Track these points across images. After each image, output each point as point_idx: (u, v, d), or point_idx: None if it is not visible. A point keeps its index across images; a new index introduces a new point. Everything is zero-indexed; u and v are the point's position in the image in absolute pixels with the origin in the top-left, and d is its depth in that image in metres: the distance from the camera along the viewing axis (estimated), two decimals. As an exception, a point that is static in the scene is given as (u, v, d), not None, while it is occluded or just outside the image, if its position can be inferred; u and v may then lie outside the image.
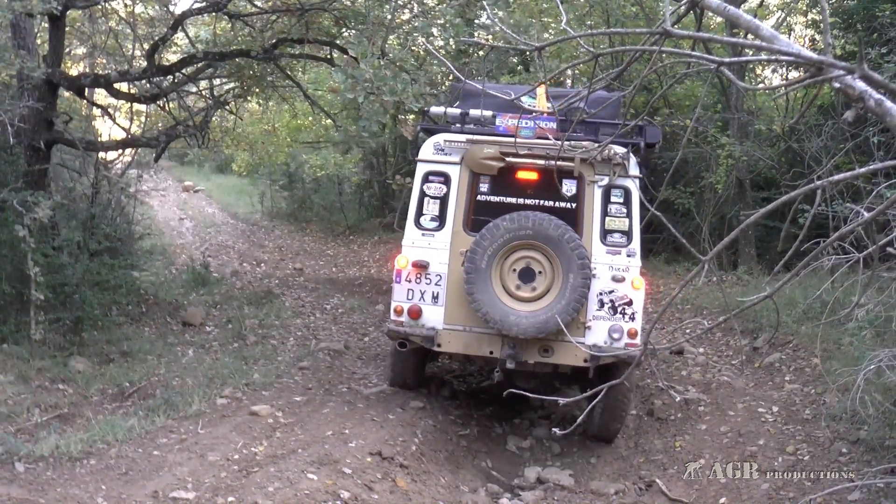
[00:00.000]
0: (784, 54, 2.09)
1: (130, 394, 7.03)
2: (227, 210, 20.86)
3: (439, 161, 6.35)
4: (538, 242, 5.96)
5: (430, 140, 6.45)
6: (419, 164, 6.44)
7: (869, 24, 9.80)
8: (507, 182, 6.30)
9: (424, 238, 6.31)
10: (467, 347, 6.23)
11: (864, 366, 5.25)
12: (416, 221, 6.36)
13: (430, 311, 6.21)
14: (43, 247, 7.82)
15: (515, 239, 5.98)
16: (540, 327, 5.88)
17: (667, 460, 6.23)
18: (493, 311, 5.92)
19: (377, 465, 5.46)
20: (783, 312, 8.35)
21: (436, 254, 6.26)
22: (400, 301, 6.25)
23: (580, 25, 13.67)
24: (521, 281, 6.05)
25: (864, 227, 3.08)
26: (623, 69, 2.77)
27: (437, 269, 6.23)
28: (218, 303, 10.68)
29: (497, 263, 6.02)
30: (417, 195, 6.38)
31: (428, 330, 6.19)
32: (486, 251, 5.97)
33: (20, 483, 4.95)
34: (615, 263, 6.07)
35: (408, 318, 6.22)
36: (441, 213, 6.32)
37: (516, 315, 5.93)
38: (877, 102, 2.05)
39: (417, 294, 6.22)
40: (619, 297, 6.05)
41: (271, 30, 9.62)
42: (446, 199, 6.33)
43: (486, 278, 5.97)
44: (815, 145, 9.87)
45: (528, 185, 6.30)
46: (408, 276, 6.24)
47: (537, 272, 6.04)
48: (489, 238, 5.97)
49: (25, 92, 8.68)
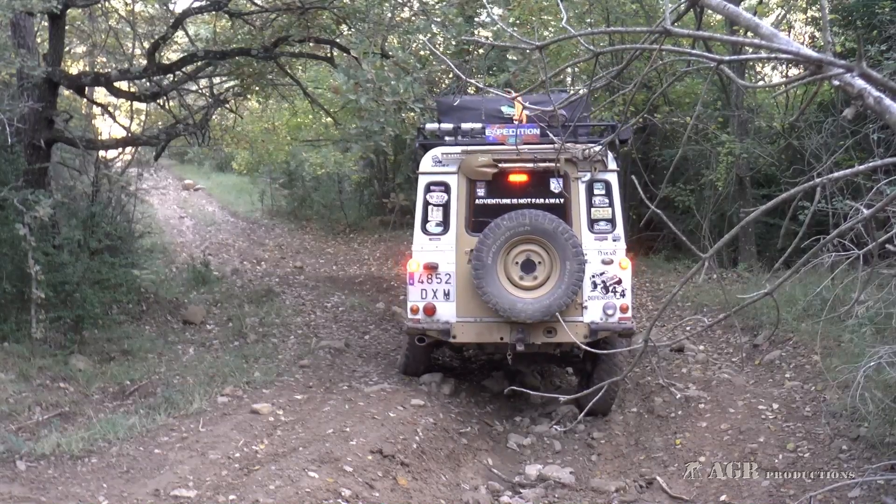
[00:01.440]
0: (783, 52, 2.09)
1: (131, 392, 7.04)
2: (228, 208, 20.86)
3: (439, 172, 6.98)
4: (536, 236, 6.62)
5: (429, 154, 7.04)
6: (420, 177, 7.04)
7: (869, 21, 9.80)
8: (501, 185, 6.96)
9: (432, 242, 6.95)
10: (479, 336, 6.89)
11: (865, 362, 5.26)
12: (423, 228, 6.97)
13: (443, 307, 6.87)
14: (43, 245, 7.83)
15: (515, 235, 6.62)
16: (545, 311, 6.55)
17: (667, 458, 6.24)
18: (502, 300, 6.58)
19: (378, 463, 5.47)
20: (783, 309, 8.35)
21: (443, 255, 6.90)
22: (415, 301, 6.89)
23: (580, 23, 13.66)
24: (523, 272, 6.71)
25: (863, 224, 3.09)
26: (623, 67, 2.77)
27: (446, 269, 6.89)
28: (218, 301, 10.69)
29: (501, 258, 6.65)
30: (422, 204, 6.99)
31: (443, 324, 6.84)
32: (491, 248, 6.61)
33: (21, 481, 4.96)
34: (603, 248, 6.82)
35: (424, 315, 6.87)
36: (445, 219, 6.95)
37: (523, 302, 6.60)
38: (876, 100, 2.05)
39: (430, 293, 6.89)
40: (610, 278, 6.81)
41: (271, 28, 9.61)
42: (448, 206, 6.97)
43: (493, 272, 6.62)
44: (816, 142, 9.87)
45: (520, 186, 6.95)
46: (420, 277, 6.89)
47: (537, 263, 6.70)
48: (492, 236, 6.60)
49: (25, 91, 8.68)
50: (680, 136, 13.69)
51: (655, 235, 14.43)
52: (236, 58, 9.77)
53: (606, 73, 3.15)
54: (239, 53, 9.57)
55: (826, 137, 9.89)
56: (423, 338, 6.92)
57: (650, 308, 10.97)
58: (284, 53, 9.78)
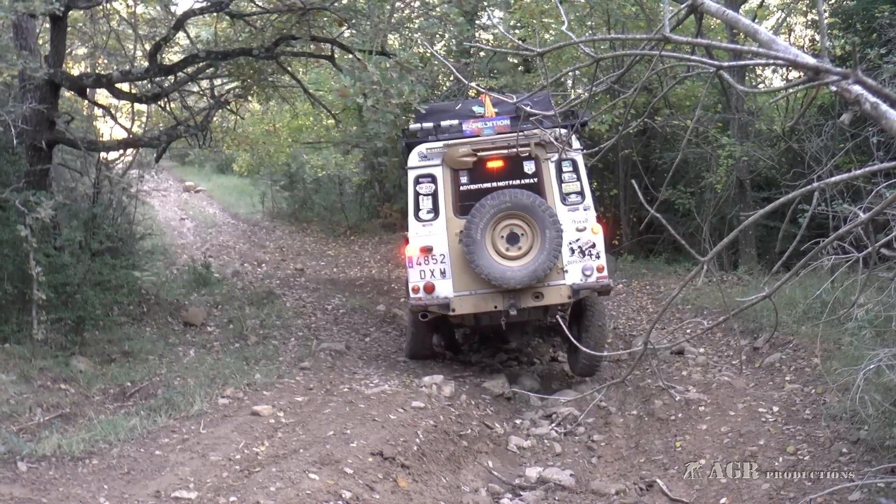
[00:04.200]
0: (781, 59, 2.10)
1: (132, 393, 7.05)
2: (228, 210, 20.87)
3: (425, 165, 7.80)
4: (517, 211, 7.47)
5: (415, 150, 7.86)
6: (409, 171, 7.84)
7: (868, 25, 9.81)
8: (481, 172, 7.82)
9: (425, 227, 7.76)
10: (476, 307, 7.69)
11: (864, 365, 5.26)
12: (416, 216, 7.79)
13: (440, 284, 7.67)
14: (45, 246, 7.84)
15: (499, 212, 7.46)
16: (531, 276, 7.41)
17: (667, 460, 6.24)
18: (493, 271, 7.40)
19: (378, 465, 5.48)
20: (783, 312, 8.36)
21: (436, 238, 7.72)
22: (415, 281, 7.68)
23: (581, 26, 13.69)
24: (508, 244, 7.54)
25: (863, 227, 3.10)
26: (623, 72, 2.78)
27: (440, 250, 7.70)
28: (219, 303, 10.70)
29: (488, 233, 7.48)
30: (413, 195, 7.79)
31: (442, 299, 7.63)
32: (479, 226, 7.43)
33: (23, 482, 4.97)
34: (576, 218, 7.69)
35: (424, 293, 7.65)
36: (434, 206, 7.77)
37: (511, 270, 7.43)
38: (872, 106, 2.06)
39: (428, 273, 7.68)
40: (585, 243, 7.68)
41: (272, 28, 9.63)
42: (436, 194, 7.78)
43: (482, 247, 7.44)
44: (815, 145, 9.87)
45: (497, 171, 7.82)
46: (418, 260, 7.68)
47: (520, 235, 7.54)
48: (479, 215, 7.43)
49: (27, 92, 8.69)
50: (680, 138, 13.69)
51: (656, 238, 14.44)
52: (237, 58, 9.79)
53: (607, 78, 3.17)
54: (240, 54, 9.58)
55: (826, 140, 9.89)
56: (425, 314, 7.70)
57: (650, 311, 10.98)
58: (285, 53, 9.80)
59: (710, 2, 2.37)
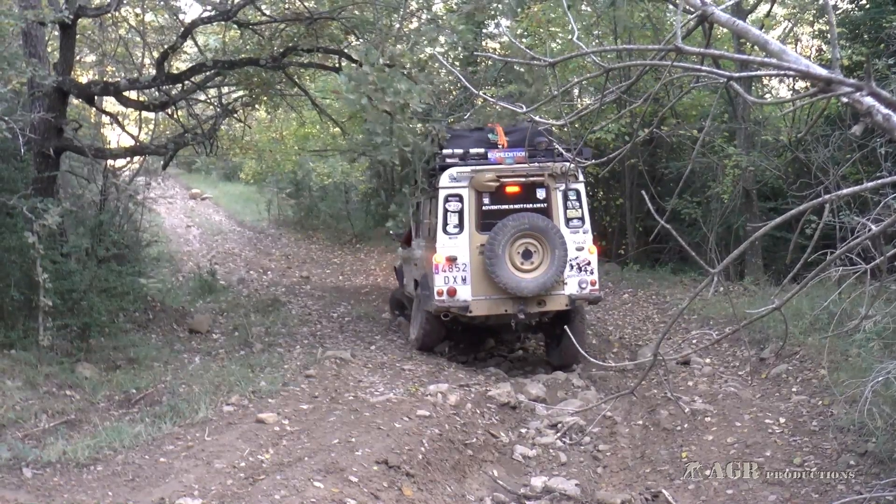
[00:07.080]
0: (793, 70, 2.10)
1: (137, 400, 7.05)
2: (234, 218, 20.91)
3: (454, 186, 8.91)
4: (533, 232, 8.72)
5: (446, 173, 8.93)
6: (440, 191, 8.92)
7: (876, 35, 9.80)
8: (501, 195, 8.99)
9: (451, 240, 8.87)
10: (490, 309, 8.90)
11: (872, 377, 5.24)
12: (444, 229, 8.90)
13: (461, 289, 8.82)
14: (51, 253, 7.86)
15: (518, 232, 8.69)
16: (541, 287, 8.70)
17: (673, 471, 6.21)
18: (510, 281, 8.64)
19: (383, 474, 5.46)
20: (790, 323, 8.32)
21: (460, 249, 8.85)
22: (440, 286, 8.81)
23: (588, 35, 13.70)
24: (524, 259, 8.74)
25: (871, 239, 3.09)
26: (633, 82, 2.78)
27: (463, 260, 8.84)
28: (224, 310, 10.71)
29: (507, 249, 8.67)
30: (442, 212, 8.90)
31: (462, 302, 8.80)
32: (501, 242, 8.64)
33: (28, 488, 4.97)
34: (576, 239, 8.98)
35: (447, 296, 8.79)
36: (460, 222, 8.92)
37: (525, 281, 8.68)
38: (885, 118, 2.06)
39: (451, 279, 8.81)
40: (583, 260, 8.98)
41: (280, 38, 9.67)
42: (462, 212, 8.92)
43: (503, 260, 8.65)
44: (823, 155, 9.86)
45: (515, 195, 9.02)
46: (443, 267, 8.81)
47: (533, 251, 8.76)
48: (501, 233, 8.65)
49: (36, 100, 8.74)
50: (686, 148, 13.68)
51: (662, 248, 14.41)
52: (245, 67, 9.83)
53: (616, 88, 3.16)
54: (248, 63, 9.62)
55: (833, 151, 9.87)
56: (447, 314, 8.88)
57: (656, 321, 10.95)
58: (293, 63, 9.83)
59: (720, 12, 2.37)
